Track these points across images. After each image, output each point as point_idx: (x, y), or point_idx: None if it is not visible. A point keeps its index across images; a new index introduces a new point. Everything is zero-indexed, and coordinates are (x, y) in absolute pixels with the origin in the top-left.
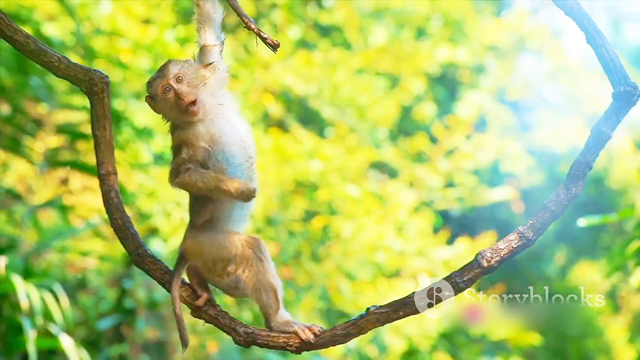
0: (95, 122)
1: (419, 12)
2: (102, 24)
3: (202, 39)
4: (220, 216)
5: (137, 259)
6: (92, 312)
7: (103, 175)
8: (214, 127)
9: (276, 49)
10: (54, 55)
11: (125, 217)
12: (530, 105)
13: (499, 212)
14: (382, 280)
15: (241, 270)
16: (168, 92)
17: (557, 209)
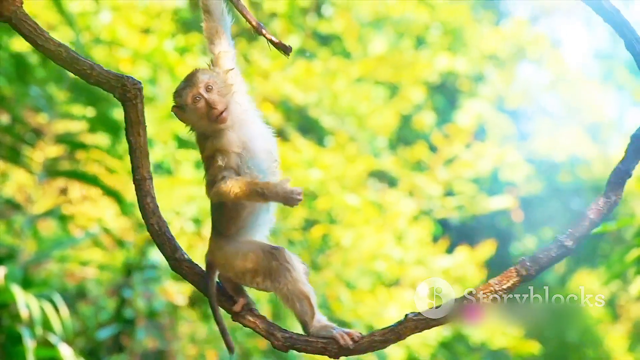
0: (130, 128)
1: (418, 21)
2: (101, 33)
3: (216, 47)
4: (248, 223)
5: (174, 263)
6: (92, 321)
7: (138, 180)
8: (243, 133)
9: (288, 52)
10: (86, 62)
11: (162, 222)
12: (530, 114)
13: (499, 221)
14: (381, 289)
15: (269, 282)
16: (198, 101)
17: (596, 218)
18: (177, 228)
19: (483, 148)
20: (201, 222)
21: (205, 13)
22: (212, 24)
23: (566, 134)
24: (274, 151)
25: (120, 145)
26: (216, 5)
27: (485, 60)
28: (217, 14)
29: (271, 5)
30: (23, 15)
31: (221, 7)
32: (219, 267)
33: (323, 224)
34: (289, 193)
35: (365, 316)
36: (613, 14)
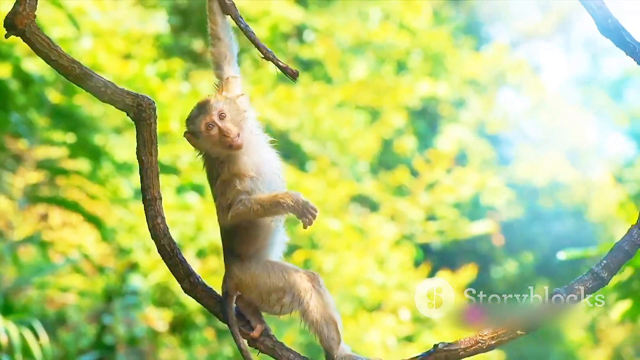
0: (142, 147)
1: (399, 47)
2: (82, 59)
3: (224, 72)
4: (266, 243)
5: (188, 286)
6: (72, 348)
7: (149, 200)
8: (255, 158)
9: (296, 77)
10: (99, 80)
11: (173, 243)
12: (510, 139)
13: (480, 245)
14: (363, 314)
15: (297, 303)
16: (212, 129)
17: (630, 249)
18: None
19: (464, 173)
20: (182, 248)
21: (214, 39)
22: (220, 49)
23: (546, 159)
24: (281, 174)
25: (100, 171)
26: (225, 31)
27: (465, 86)
28: (225, 40)
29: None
30: (36, 29)
31: (230, 34)
32: (243, 288)
33: (305, 249)
34: (306, 204)
35: (347, 341)
36: (636, 48)
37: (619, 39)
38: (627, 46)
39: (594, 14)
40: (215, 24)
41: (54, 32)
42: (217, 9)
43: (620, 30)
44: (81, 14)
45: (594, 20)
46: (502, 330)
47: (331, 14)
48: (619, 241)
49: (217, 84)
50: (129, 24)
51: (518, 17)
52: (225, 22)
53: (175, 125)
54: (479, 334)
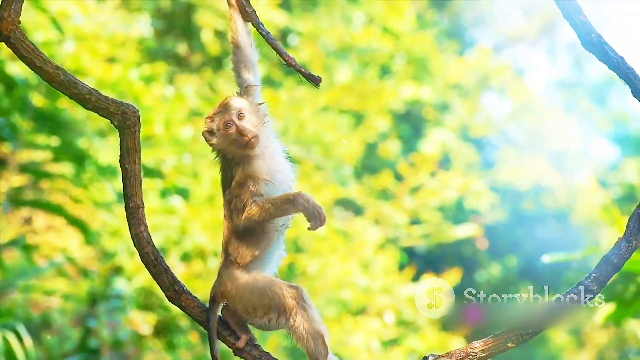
0: (126, 155)
1: (383, 51)
2: (66, 62)
3: (244, 80)
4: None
5: (172, 295)
6: (56, 351)
7: (132, 208)
8: (270, 164)
9: (318, 84)
10: (84, 87)
11: (156, 251)
12: (494, 143)
13: (464, 249)
14: (348, 318)
15: (283, 319)
16: (230, 127)
17: (618, 262)
18: None
19: (448, 177)
20: (166, 251)
21: (234, 47)
22: (241, 57)
23: (530, 163)
24: (294, 185)
25: (84, 174)
26: (246, 39)
27: (449, 90)
28: (246, 48)
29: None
30: (21, 35)
31: (250, 41)
32: (229, 298)
33: (289, 253)
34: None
35: (332, 344)
36: (619, 62)
37: (602, 53)
38: (609, 60)
39: (577, 28)
40: (235, 32)
41: (37, 36)
42: (237, 16)
43: (603, 45)
44: (65, 18)
45: (577, 34)
46: (492, 343)
47: (315, 17)
48: (608, 254)
49: (238, 92)
50: (113, 27)
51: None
52: (246, 30)
53: (159, 129)
54: (470, 345)
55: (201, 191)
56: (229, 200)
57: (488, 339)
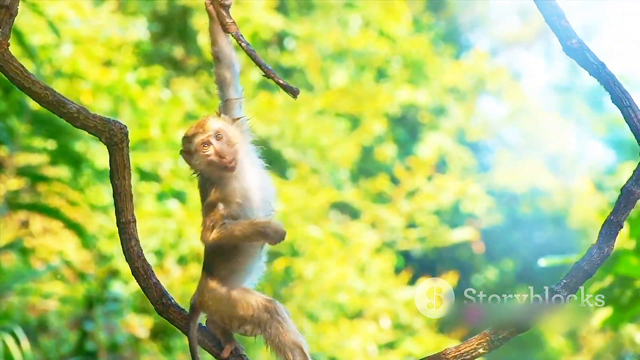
0: (115, 171)
1: (379, 54)
2: (63, 66)
3: (225, 94)
4: (243, 267)
5: (161, 308)
6: (53, 354)
7: (123, 223)
8: (246, 183)
9: (297, 95)
10: (73, 106)
11: (146, 265)
12: (490, 146)
13: (460, 253)
14: (344, 321)
15: (259, 331)
16: (207, 148)
17: (590, 268)
18: None
19: (444, 180)
20: (163, 255)
21: (215, 60)
22: (221, 70)
23: (526, 166)
24: (272, 201)
25: (81, 178)
26: (226, 52)
27: (446, 93)
28: (226, 61)
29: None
30: (10, 57)
31: (231, 55)
32: (206, 308)
33: (285, 257)
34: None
35: (328, 348)
36: (599, 68)
37: (583, 59)
38: (590, 66)
39: (558, 33)
40: (216, 45)
41: (34, 39)
42: (218, 28)
43: (584, 51)
44: (61, 21)
45: (559, 39)
46: (464, 348)
47: (312, 21)
48: (579, 261)
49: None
50: (110, 31)
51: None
52: (226, 42)
53: (155, 132)
54: (442, 351)
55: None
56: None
57: (460, 345)
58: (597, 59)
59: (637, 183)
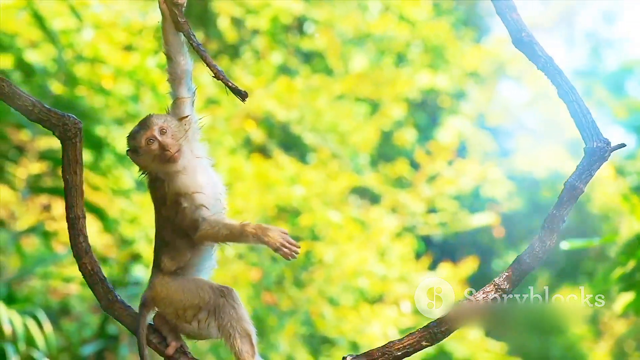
0: (67, 166)
1: (400, 39)
2: (84, 50)
3: (176, 92)
4: (193, 264)
5: (107, 304)
6: (75, 337)
7: (72, 219)
8: (197, 178)
9: (245, 98)
10: (28, 99)
11: (94, 262)
12: (510, 131)
13: (481, 237)
14: (364, 306)
15: (213, 318)
16: (152, 143)
17: (532, 261)
18: None
19: (464, 165)
20: None
21: (167, 58)
22: (173, 69)
23: (546, 151)
24: (223, 199)
25: (103, 162)
26: (177, 51)
27: (466, 78)
28: (177, 59)
29: (254, 22)
30: None
31: (182, 53)
32: (159, 302)
33: (306, 241)
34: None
35: (349, 332)
36: (547, 62)
37: (531, 52)
38: (538, 59)
39: (508, 25)
40: (168, 44)
41: (55, 24)
42: (170, 27)
43: (533, 44)
44: (83, 6)
45: (509, 31)
46: (408, 342)
47: (331, 5)
48: (521, 254)
49: (170, 104)
50: (130, 15)
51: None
52: (178, 41)
53: None
54: (386, 345)
55: None
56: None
57: (404, 338)
58: (545, 53)
59: (581, 178)
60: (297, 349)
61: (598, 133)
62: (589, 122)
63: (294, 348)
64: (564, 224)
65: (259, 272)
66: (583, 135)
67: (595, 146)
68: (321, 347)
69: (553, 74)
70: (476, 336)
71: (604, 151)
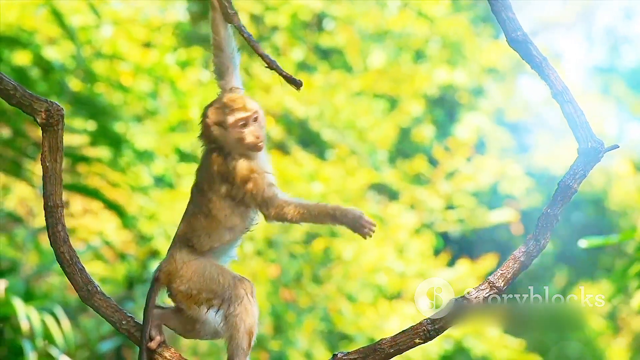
0: (48, 153)
1: (418, 35)
2: (103, 47)
3: (227, 82)
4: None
5: (85, 295)
6: (94, 334)
7: (51, 207)
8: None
9: (300, 86)
10: (10, 82)
11: (72, 251)
12: (529, 127)
13: (499, 234)
14: (383, 302)
15: (226, 306)
16: (243, 126)
17: (526, 260)
18: None
19: (483, 161)
20: None
21: (216, 49)
22: (223, 60)
23: (565, 147)
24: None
25: (121, 158)
26: (228, 42)
27: (484, 74)
28: (228, 50)
29: (273, 19)
30: None
31: (232, 44)
32: (174, 278)
33: (324, 237)
34: (363, 220)
35: (367, 329)
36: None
37: (526, 52)
38: (532, 59)
39: (504, 24)
40: (217, 35)
41: (74, 20)
42: (220, 19)
43: (528, 44)
44: (102, 2)
45: (504, 31)
46: (400, 339)
47: (350, 2)
48: (515, 252)
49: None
50: (149, 12)
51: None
52: (228, 32)
53: (195, 113)
54: (378, 342)
55: None
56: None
57: (396, 336)
58: (540, 53)
59: (574, 178)
60: (315, 346)
61: (592, 134)
62: (583, 123)
63: (312, 344)
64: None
65: (278, 269)
66: (577, 136)
67: (589, 147)
68: (339, 343)
69: (547, 74)
70: (494, 333)
71: (598, 151)
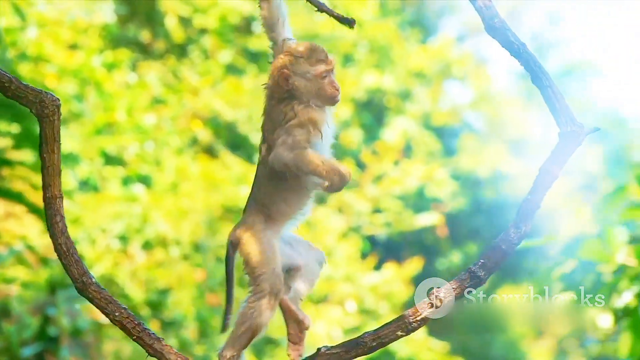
0: (45, 145)
1: (346, 39)
2: (28, 49)
3: (278, 34)
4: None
5: (81, 286)
6: (15, 339)
7: (49, 198)
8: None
9: (353, 25)
10: (5, 75)
11: (70, 242)
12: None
13: (425, 237)
14: (309, 306)
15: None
16: (325, 78)
17: (507, 248)
18: (103, 245)
19: (410, 165)
20: (128, 240)
21: (263, 1)
22: (271, 11)
23: (490, 151)
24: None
25: None
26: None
27: (412, 78)
28: (275, 1)
29: (202, 21)
30: None
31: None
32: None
33: None
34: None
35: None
36: (520, 48)
37: (505, 39)
38: (511, 46)
39: (481, 12)
40: None
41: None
42: None
43: (506, 30)
44: (27, 4)
45: (481, 18)
46: (382, 332)
47: None
48: (496, 240)
49: (273, 47)
50: (76, 13)
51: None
52: None
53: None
54: (360, 336)
55: (163, 179)
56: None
57: (379, 329)
58: (518, 39)
59: (555, 162)
60: None
61: (572, 117)
62: (563, 107)
63: None
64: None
65: (204, 273)
66: (557, 120)
67: (570, 130)
68: (265, 347)
69: (527, 60)
70: (419, 336)
71: (578, 135)
